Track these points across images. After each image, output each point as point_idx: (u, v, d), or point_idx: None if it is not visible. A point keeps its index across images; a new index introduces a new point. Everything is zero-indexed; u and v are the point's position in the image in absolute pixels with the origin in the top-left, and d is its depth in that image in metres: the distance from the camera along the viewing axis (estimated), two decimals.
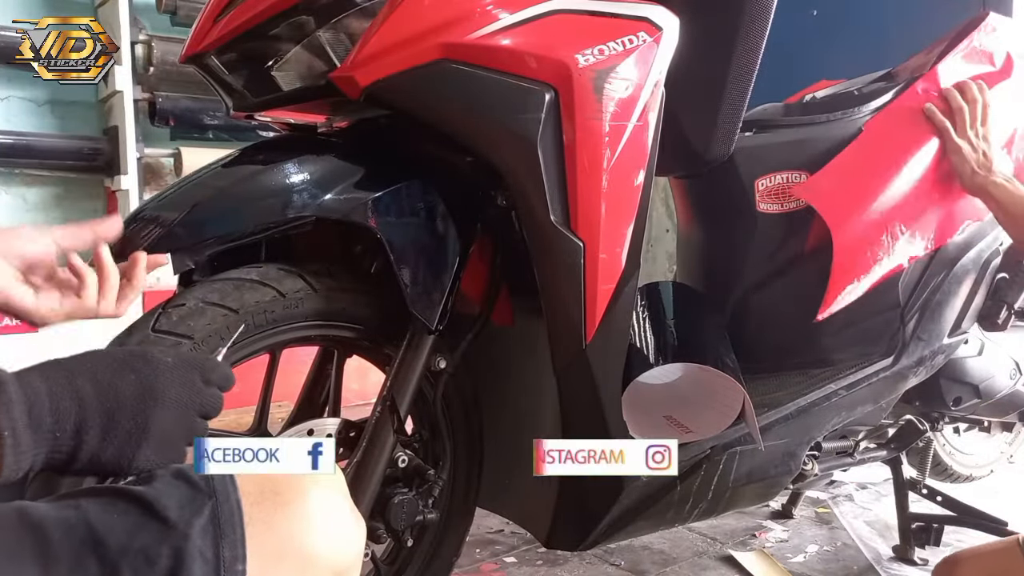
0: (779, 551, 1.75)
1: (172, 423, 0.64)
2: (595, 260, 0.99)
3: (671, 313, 1.41)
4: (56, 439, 0.59)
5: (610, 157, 0.98)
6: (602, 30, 0.97)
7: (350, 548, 0.62)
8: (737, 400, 1.15)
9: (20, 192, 2.77)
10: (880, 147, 1.37)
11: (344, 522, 0.63)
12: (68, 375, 0.61)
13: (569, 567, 1.65)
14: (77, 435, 0.60)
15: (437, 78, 0.90)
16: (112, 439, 0.61)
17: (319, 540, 0.59)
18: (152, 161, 2.89)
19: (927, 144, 1.39)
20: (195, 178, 0.94)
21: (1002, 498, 2.01)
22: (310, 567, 0.59)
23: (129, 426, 0.62)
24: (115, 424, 0.61)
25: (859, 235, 1.33)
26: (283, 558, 0.57)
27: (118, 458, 0.62)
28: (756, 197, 1.38)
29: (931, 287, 1.44)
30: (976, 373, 1.58)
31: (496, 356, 1.19)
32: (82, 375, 0.61)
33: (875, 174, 1.36)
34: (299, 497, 0.60)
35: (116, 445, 0.61)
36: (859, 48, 2.72)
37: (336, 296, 0.98)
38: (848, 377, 1.37)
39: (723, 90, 1.18)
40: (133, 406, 0.62)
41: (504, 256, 1.10)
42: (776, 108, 1.59)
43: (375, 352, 1.08)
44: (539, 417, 1.16)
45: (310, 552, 0.59)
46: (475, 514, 1.22)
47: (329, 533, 0.60)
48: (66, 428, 0.59)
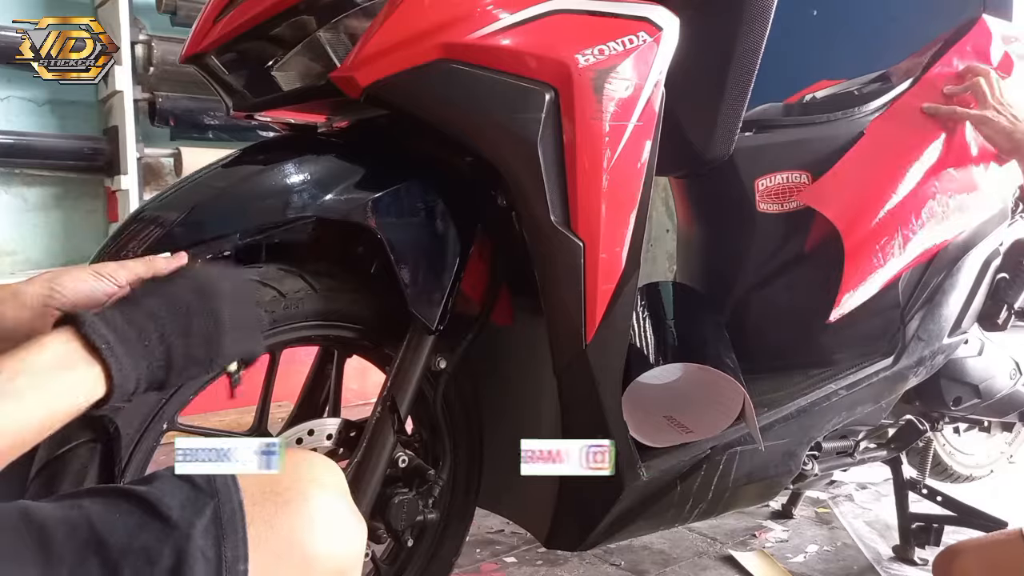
0: (779, 551, 1.75)
1: (237, 311, 0.69)
2: (595, 260, 0.99)
3: (671, 313, 1.41)
4: (147, 349, 0.62)
5: (610, 157, 0.98)
6: (602, 30, 0.97)
7: (351, 548, 0.63)
8: (737, 400, 1.16)
9: (20, 192, 2.77)
10: (883, 149, 1.37)
11: (345, 522, 0.63)
12: (131, 300, 0.65)
13: (569, 567, 1.65)
14: (163, 340, 0.63)
15: (437, 78, 0.90)
16: (195, 338, 0.65)
17: (321, 540, 0.60)
18: (152, 161, 2.89)
19: (931, 144, 1.39)
20: (195, 178, 0.94)
21: (1002, 498, 2.01)
22: (312, 567, 0.59)
23: (203, 322, 0.66)
24: (190, 324, 0.65)
25: (868, 237, 1.33)
26: (285, 558, 0.58)
27: (208, 354, 0.66)
28: (756, 197, 1.38)
29: (931, 287, 1.45)
30: (976, 373, 1.58)
31: (496, 356, 1.19)
32: (142, 295, 0.65)
33: (880, 176, 1.36)
34: (300, 497, 0.60)
35: (201, 342, 0.66)
36: (859, 48, 2.72)
37: (336, 296, 0.98)
38: (848, 377, 1.37)
39: (723, 90, 1.18)
40: (198, 304, 0.66)
41: (504, 256, 1.10)
42: (776, 108, 1.59)
43: (375, 352, 1.08)
44: (539, 417, 1.16)
45: (312, 552, 0.59)
46: (475, 514, 1.22)
47: (330, 533, 0.61)
48: (151, 337, 0.62)
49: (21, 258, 2.78)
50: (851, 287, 1.32)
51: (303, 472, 0.63)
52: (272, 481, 0.61)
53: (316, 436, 0.99)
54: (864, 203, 1.34)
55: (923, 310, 1.44)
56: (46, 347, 0.58)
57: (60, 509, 0.54)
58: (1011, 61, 1.51)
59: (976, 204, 1.43)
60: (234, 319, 0.69)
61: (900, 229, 1.35)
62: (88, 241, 2.85)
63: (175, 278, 0.69)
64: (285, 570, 0.58)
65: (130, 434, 0.83)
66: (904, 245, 1.36)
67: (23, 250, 2.78)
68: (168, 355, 0.64)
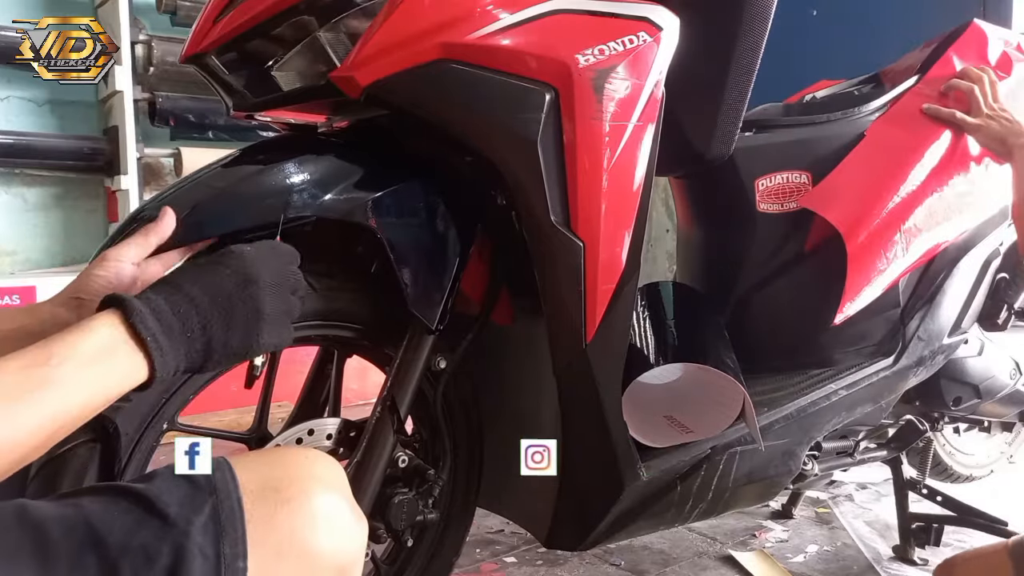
0: (779, 551, 1.75)
1: (275, 301, 0.70)
2: (595, 260, 0.99)
3: (671, 313, 1.41)
4: (189, 339, 0.63)
5: (610, 157, 0.98)
6: (602, 30, 0.97)
7: (352, 546, 0.62)
8: (737, 400, 1.16)
9: (20, 192, 2.78)
10: (884, 151, 1.37)
11: (346, 520, 0.63)
12: (174, 285, 0.66)
13: (569, 567, 1.65)
14: (204, 331, 0.64)
15: (437, 78, 0.90)
16: (235, 326, 0.66)
17: (321, 537, 0.59)
18: (152, 161, 2.89)
19: (931, 145, 1.39)
20: (195, 178, 0.94)
21: (1002, 498, 2.01)
22: (312, 565, 0.59)
23: (244, 311, 0.67)
24: (232, 312, 0.66)
25: (871, 241, 1.33)
26: (285, 556, 0.57)
27: (246, 341, 0.67)
28: (756, 197, 1.38)
29: (931, 287, 1.45)
30: (976, 373, 1.58)
31: (496, 356, 1.19)
32: (186, 281, 0.66)
33: (881, 178, 1.36)
34: (301, 495, 0.60)
35: (240, 331, 0.67)
36: (859, 48, 2.72)
37: (336, 296, 0.98)
38: (848, 377, 1.37)
39: (723, 90, 1.18)
40: (239, 293, 0.67)
41: (504, 256, 1.10)
42: (776, 108, 1.59)
43: (375, 352, 1.08)
44: (539, 417, 1.16)
45: (312, 550, 0.59)
46: (475, 514, 1.22)
47: (331, 531, 0.60)
48: (193, 327, 0.64)
49: (21, 258, 2.78)
50: (855, 291, 1.33)
51: (304, 469, 0.62)
52: (272, 479, 0.60)
53: (316, 436, 0.99)
54: (866, 206, 1.34)
55: (923, 310, 1.44)
56: (93, 332, 0.59)
57: (57, 508, 0.53)
58: (1010, 60, 1.51)
59: (977, 204, 1.43)
60: (273, 309, 0.69)
61: (902, 230, 1.35)
62: (88, 241, 2.85)
63: (217, 265, 0.69)
64: (285, 568, 0.57)
65: (130, 434, 0.83)
66: (907, 247, 1.36)
67: (23, 250, 2.78)
68: (208, 345, 0.65)
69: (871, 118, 1.43)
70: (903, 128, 1.40)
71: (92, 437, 0.81)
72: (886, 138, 1.38)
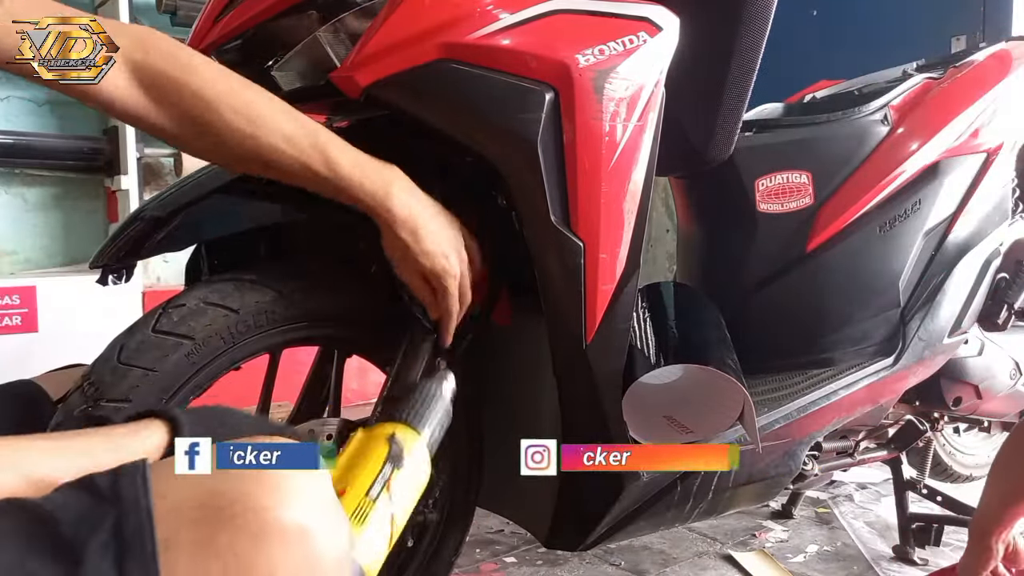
0: (779, 551, 1.75)
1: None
2: (595, 260, 0.99)
3: (671, 313, 1.41)
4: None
5: (610, 157, 0.98)
6: (602, 30, 0.97)
7: (315, 566, 0.50)
8: (737, 400, 1.15)
9: (20, 192, 2.77)
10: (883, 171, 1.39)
11: (313, 532, 0.50)
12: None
13: (569, 567, 1.65)
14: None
15: (437, 78, 0.90)
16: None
17: (276, 564, 0.48)
18: (152, 161, 2.89)
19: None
20: (195, 178, 0.94)
21: None
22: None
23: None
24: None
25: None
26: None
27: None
28: (756, 197, 1.38)
29: (931, 287, 1.45)
30: (976, 373, 1.58)
31: (496, 356, 1.19)
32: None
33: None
34: (247, 512, 0.48)
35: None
36: (859, 48, 2.72)
37: (336, 296, 0.98)
38: (848, 377, 1.37)
39: (723, 90, 1.18)
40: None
41: (504, 256, 1.10)
42: (776, 108, 1.60)
43: (375, 352, 1.08)
44: (539, 417, 1.16)
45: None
46: (475, 514, 1.22)
47: (286, 553, 0.48)
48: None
49: (21, 258, 2.78)
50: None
51: (251, 483, 0.50)
52: (212, 493, 0.49)
53: (316, 436, 0.99)
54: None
55: (923, 310, 1.44)
56: (138, 437, 0.57)
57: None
58: (1011, 61, 1.51)
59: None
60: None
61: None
62: (88, 241, 2.85)
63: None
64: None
65: None
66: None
67: (23, 250, 2.78)
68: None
69: (871, 118, 1.43)
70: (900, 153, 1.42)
71: None
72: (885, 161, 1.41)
